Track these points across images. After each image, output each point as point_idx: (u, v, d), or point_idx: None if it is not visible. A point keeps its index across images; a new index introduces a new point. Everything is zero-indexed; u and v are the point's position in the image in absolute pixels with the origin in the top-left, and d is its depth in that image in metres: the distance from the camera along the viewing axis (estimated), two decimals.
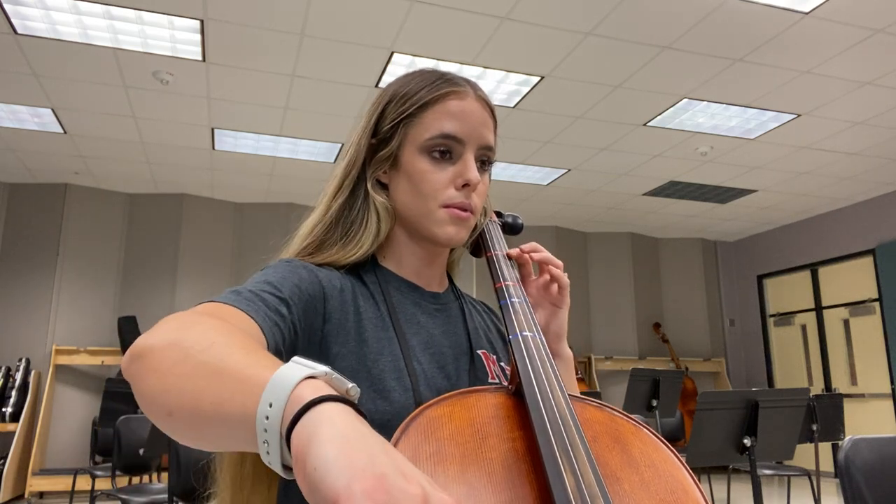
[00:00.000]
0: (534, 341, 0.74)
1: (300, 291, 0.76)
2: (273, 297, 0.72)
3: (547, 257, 0.90)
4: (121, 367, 0.58)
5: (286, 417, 0.43)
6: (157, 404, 0.53)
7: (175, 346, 0.54)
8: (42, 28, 3.90)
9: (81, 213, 6.77)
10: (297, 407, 0.43)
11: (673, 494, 0.63)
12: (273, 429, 0.44)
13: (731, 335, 8.76)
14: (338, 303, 0.81)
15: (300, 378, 0.45)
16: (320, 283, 0.80)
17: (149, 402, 0.54)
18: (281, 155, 5.94)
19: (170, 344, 0.54)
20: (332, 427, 0.41)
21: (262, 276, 0.76)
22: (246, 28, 3.90)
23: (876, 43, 4.04)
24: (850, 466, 1.29)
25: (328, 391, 0.45)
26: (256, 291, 0.71)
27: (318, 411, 0.42)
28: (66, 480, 5.46)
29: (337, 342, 0.79)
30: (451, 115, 0.84)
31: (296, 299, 0.75)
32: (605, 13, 3.74)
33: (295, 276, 0.78)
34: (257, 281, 0.75)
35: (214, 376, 0.50)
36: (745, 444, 2.78)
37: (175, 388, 0.52)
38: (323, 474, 0.38)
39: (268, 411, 0.45)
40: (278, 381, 0.46)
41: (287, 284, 0.75)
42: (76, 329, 6.53)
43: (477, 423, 0.64)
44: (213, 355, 0.52)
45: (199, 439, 0.53)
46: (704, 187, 6.76)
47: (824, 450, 6.77)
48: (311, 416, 0.42)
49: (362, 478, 0.37)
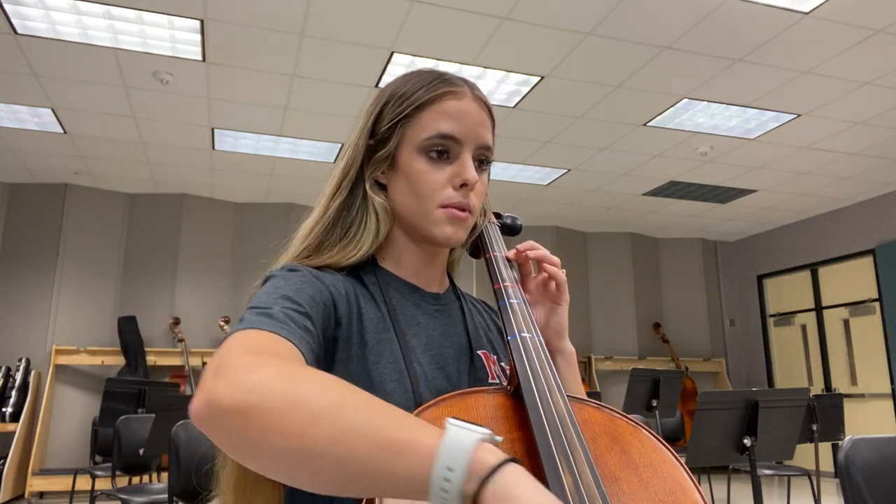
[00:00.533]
0: (532, 342, 0.74)
1: (315, 303, 0.76)
2: (298, 315, 0.72)
3: (542, 255, 0.90)
4: (196, 415, 0.56)
5: (471, 480, 0.48)
6: (293, 465, 0.53)
7: (297, 406, 0.53)
8: (42, 28, 3.90)
9: (81, 213, 6.77)
10: (483, 471, 0.48)
11: (672, 495, 0.63)
12: (454, 490, 0.48)
13: (731, 335, 8.76)
14: (345, 307, 0.81)
15: (476, 442, 0.50)
16: (328, 290, 0.80)
17: (278, 465, 0.54)
18: (281, 155, 5.94)
19: (290, 404, 0.53)
20: (525, 490, 0.48)
21: (276, 290, 0.75)
22: (246, 28, 3.90)
23: (876, 43, 4.03)
24: (850, 466, 1.29)
25: (502, 454, 0.50)
26: (286, 311, 0.71)
27: (505, 475, 0.48)
28: (66, 480, 5.46)
29: (343, 347, 0.79)
30: (448, 115, 0.84)
31: (314, 312, 0.75)
32: (605, 13, 3.74)
33: (308, 287, 0.77)
34: (274, 297, 0.73)
35: (366, 442, 0.51)
36: (745, 444, 2.78)
37: (319, 453, 0.52)
38: None
39: (447, 474, 0.48)
40: (455, 447, 0.49)
41: (303, 297, 0.75)
42: (76, 329, 6.53)
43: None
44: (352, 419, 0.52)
45: (341, 491, 0.54)
46: (704, 187, 6.76)
47: (824, 450, 6.77)
48: (499, 481, 0.48)
49: None
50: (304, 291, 0.76)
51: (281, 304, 0.71)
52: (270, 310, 0.70)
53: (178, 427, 2.08)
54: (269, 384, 0.54)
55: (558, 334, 0.91)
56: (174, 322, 6.68)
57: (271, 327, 0.67)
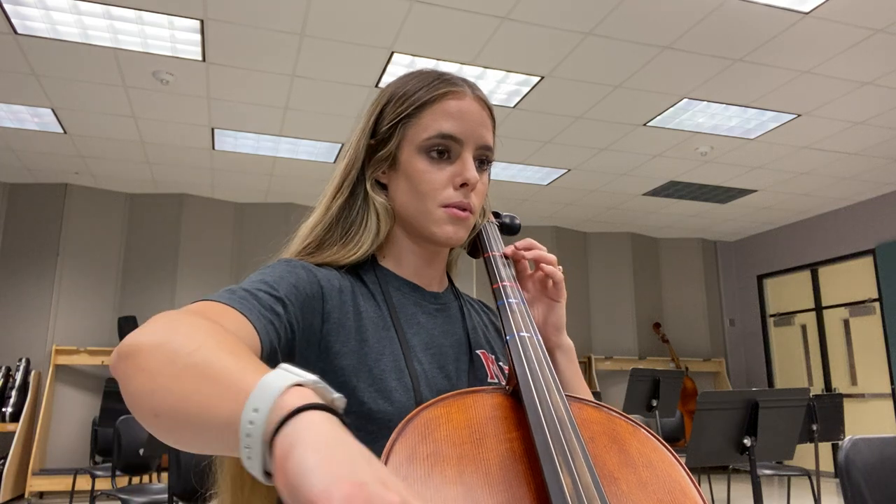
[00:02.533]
0: (531, 342, 0.74)
1: (297, 291, 0.76)
2: (268, 296, 0.72)
3: (538, 255, 0.90)
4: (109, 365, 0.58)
5: (270, 423, 0.44)
6: (144, 405, 0.53)
7: (163, 346, 0.54)
8: (42, 28, 3.90)
9: (81, 213, 6.77)
10: (282, 413, 0.43)
11: (671, 495, 0.63)
12: (256, 434, 0.44)
13: (731, 335, 8.76)
14: (337, 302, 0.81)
15: (287, 385, 0.45)
16: (319, 282, 0.80)
17: (136, 402, 0.54)
18: (281, 155, 5.94)
19: (158, 344, 0.54)
20: (315, 434, 0.41)
21: (259, 276, 0.76)
22: (246, 28, 3.90)
23: (876, 43, 4.03)
24: (850, 466, 1.29)
25: (314, 399, 0.44)
26: (251, 290, 0.71)
27: (303, 419, 0.43)
28: (66, 480, 5.46)
29: (337, 341, 0.79)
30: (448, 115, 0.85)
31: (292, 298, 0.75)
32: (605, 13, 3.74)
33: (292, 276, 0.78)
34: (253, 280, 0.75)
35: (202, 379, 0.50)
36: (745, 444, 2.78)
37: (162, 390, 0.52)
38: (302, 480, 0.39)
39: (252, 416, 0.45)
40: (265, 387, 0.46)
41: (283, 283, 0.75)
42: (76, 329, 6.53)
43: (474, 423, 0.64)
44: (201, 358, 0.52)
45: (183, 441, 0.53)
46: (704, 187, 6.76)
47: (824, 450, 6.77)
48: (295, 424, 0.42)
49: (341, 485, 0.37)
50: (287, 279, 0.76)
51: (254, 286, 0.72)
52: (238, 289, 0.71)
53: None
54: (156, 330, 0.56)
55: (557, 330, 0.91)
56: None
57: (227, 300, 0.67)
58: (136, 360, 0.54)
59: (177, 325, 0.57)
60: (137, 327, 0.58)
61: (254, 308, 0.69)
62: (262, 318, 0.69)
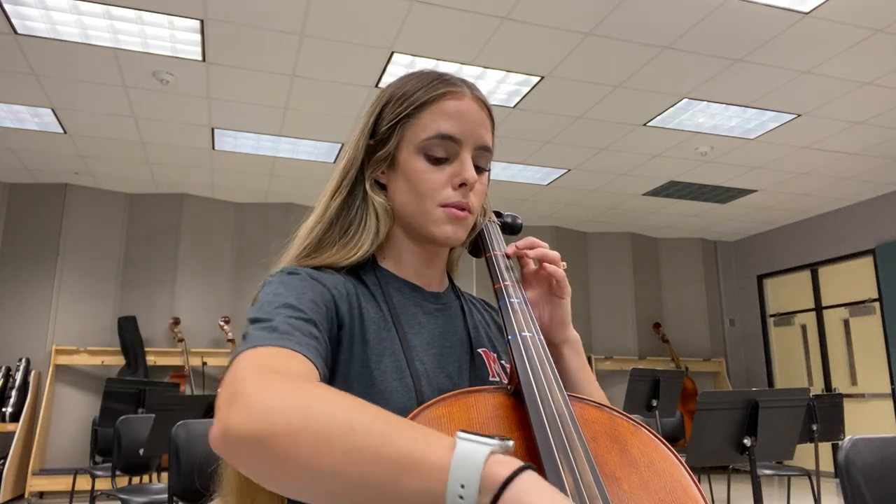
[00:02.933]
0: (533, 341, 0.74)
1: (317, 306, 0.76)
2: (302, 322, 0.71)
3: (541, 253, 0.90)
4: (215, 445, 0.57)
5: (485, 495, 0.48)
6: (312, 487, 0.54)
7: (309, 430, 0.53)
8: (42, 28, 3.90)
9: (81, 213, 6.77)
10: (495, 486, 0.48)
11: (672, 494, 0.63)
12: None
13: (731, 335, 8.76)
14: (346, 307, 0.81)
15: (486, 456, 0.49)
16: (329, 291, 0.80)
17: (298, 487, 0.55)
18: (281, 155, 5.94)
19: (301, 428, 0.53)
20: (538, 496, 0.47)
21: (276, 298, 0.74)
22: (246, 28, 3.90)
23: (876, 43, 4.04)
24: (850, 466, 1.29)
25: (514, 463, 0.49)
26: (289, 322, 0.70)
27: (516, 486, 0.47)
28: (66, 480, 5.46)
29: (346, 346, 0.79)
30: (447, 116, 0.85)
31: (318, 316, 0.75)
32: (605, 13, 3.74)
33: (309, 291, 0.77)
34: (275, 305, 0.73)
35: (376, 461, 0.52)
36: (745, 444, 2.78)
37: (332, 474, 0.52)
38: None
39: (461, 492, 0.48)
40: (465, 463, 0.49)
41: (305, 302, 0.75)
42: (76, 329, 6.53)
43: (476, 423, 0.64)
44: (360, 439, 0.52)
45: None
46: (704, 187, 6.76)
47: (824, 450, 6.78)
48: (511, 493, 0.47)
49: None
50: (306, 296, 0.76)
51: (283, 314, 0.71)
52: (273, 322, 0.69)
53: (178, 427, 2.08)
54: (282, 410, 0.55)
55: (563, 325, 0.91)
56: (174, 322, 6.68)
57: (277, 341, 0.66)
58: (278, 447, 0.53)
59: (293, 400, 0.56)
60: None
61: (301, 342, 0.68)
62: (311, 349, 0.68)
